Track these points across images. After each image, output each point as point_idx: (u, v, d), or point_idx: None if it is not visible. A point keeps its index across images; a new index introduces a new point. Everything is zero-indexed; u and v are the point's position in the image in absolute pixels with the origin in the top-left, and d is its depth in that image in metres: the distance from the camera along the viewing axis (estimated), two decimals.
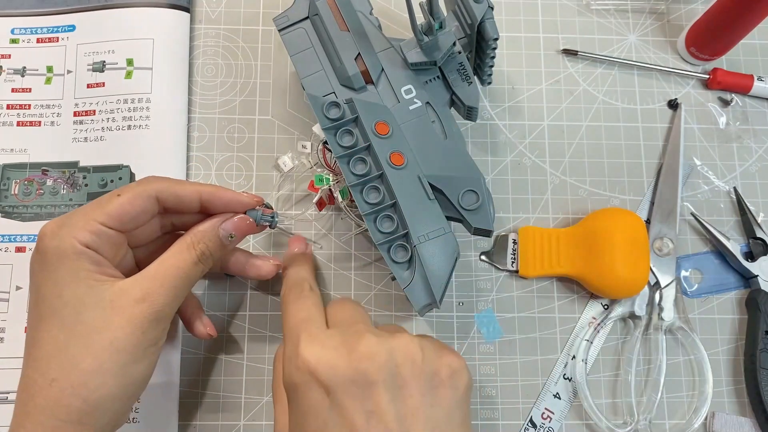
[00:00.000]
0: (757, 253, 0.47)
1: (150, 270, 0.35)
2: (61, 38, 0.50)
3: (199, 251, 0.37)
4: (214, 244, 0.37)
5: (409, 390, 0.32)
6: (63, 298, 0.33)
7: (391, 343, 0.33)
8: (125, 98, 0.48)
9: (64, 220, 0.34)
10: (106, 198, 0.35)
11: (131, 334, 0.33)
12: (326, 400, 0.32)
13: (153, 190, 0.36)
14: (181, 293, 0.36)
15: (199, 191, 0.37)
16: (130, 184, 0.36)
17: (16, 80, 0.49)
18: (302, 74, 0.42)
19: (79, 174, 0.47)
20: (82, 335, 0.32)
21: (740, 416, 0.45)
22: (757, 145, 0.50)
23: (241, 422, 0.44)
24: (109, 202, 0.35)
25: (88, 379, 0.32)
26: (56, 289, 0.33)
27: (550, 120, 0.50)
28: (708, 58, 0.51)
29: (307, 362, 0.32)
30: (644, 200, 0.49)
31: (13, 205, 0.46)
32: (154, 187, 0.36)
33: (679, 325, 0.45)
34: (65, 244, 0.33)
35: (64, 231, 0.33)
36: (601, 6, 0.53)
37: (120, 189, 0.36)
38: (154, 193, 0.36)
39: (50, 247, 0.33)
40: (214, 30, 0.51)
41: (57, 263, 0.33)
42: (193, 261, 0.36)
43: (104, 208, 0.35)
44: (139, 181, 0.37)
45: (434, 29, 0.40)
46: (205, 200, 0.38)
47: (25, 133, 0.48)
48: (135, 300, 0.33)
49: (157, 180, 0.37)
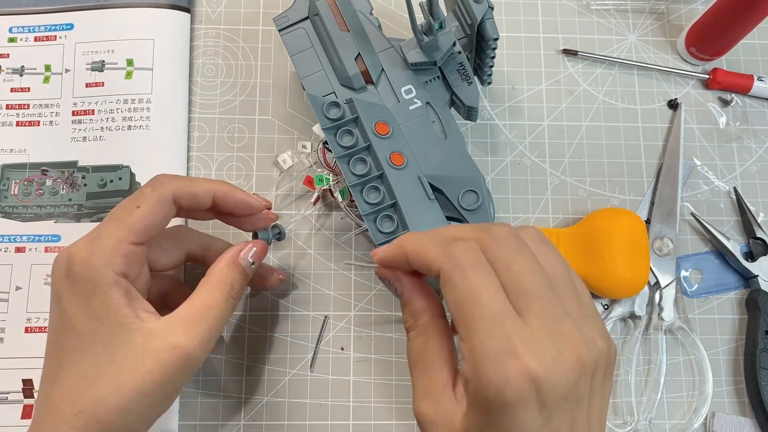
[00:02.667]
0: (757, 253, 0.47)
1: (181, 313, 0.34)
2: (59, 37, 0.50)
3: (228, 286, 0.36)
4: (240, 276, 0.37)
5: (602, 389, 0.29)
6: (96, 334, 0.32)
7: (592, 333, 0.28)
8: (125, 98, 0.48)
9: (95, 245, 0.33)
10: (126, 211, 0.34)
11: (160, 382, 0.32)
12: (538, 418, 0.27)
13: (170, 193, 0.35)
14: (214, 335, 0.35)
15: (213, 189, 0.37)
16: (144, 189, 0.35)
17: (14, 80, 0.49)
18: (302, 74, 0.42)
19: (78, 174, 0.47)
20: (113, 375, 0.32)
21: (740, 416, 0.45)
22: (757, 145, 0.50)
23: (242, 422, 0.44)
24: (131, 215, 0.34)
25: (112, 418, 0.32)
26: (89, 323, 0.32)
27: (550, 120, 0.50)
28: (708, 58, 0.51)
29: (532, 373, 0.26)
30: (644, 200, 0.49)
31: (13, 205, 0.46)
32: (171, 189, 0.35)
33: (679, 325, 0.45)
34: (100, 274, 0.32)
35: (98, 258, 0.32)
36: (601, 6, 0.53)
37: (136, 198, 0.35)
38: (171, 195, 0.35)
39: (84, 276, 0.32)
40: (214, 30, 0.51)
41: (90, 294, 0.32)
42: (224, 299, 0.35)
43: (129, 225, 0.33)
44: (153, 185, 0.35)
45: (434, 29, 0.40)
46: (219, 198, 0.37)
47: (24, 133, 0.48)
48: (167, 346, 0.32)
49: (171, 180, 0.36)
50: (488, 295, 0.27)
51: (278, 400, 0.44)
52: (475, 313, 0.27)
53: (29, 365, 0.43)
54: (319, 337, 0.45)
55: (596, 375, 0.28)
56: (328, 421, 0.44)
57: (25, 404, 0.43)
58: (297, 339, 0.45)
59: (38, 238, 0.46)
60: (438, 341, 0.31)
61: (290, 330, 0.45)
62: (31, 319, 0.44)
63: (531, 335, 0.27)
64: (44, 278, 0.45)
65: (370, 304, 0.46)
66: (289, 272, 0.46)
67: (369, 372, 0.45)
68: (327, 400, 0.44)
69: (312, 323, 0.46)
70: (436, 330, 0.31)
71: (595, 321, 0.29)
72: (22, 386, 0.43)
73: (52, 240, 0.46)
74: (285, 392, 0.44)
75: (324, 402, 0.44)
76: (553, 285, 0.29)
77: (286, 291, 0.46)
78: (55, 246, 0.46)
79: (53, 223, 0.46)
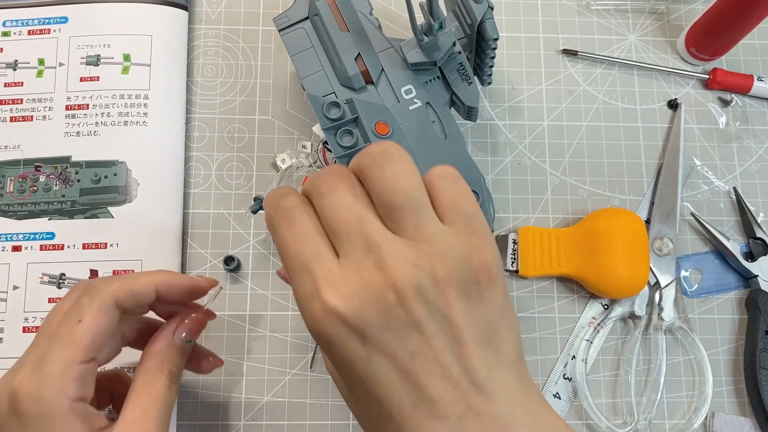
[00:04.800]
0: (757, 253, 0.47)
1: (129, 416, 0.32)
2: (53, 30, 0.49)
3: (167, 372, 0.34)
4: (177, 358, 0.35)
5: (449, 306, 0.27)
6: None
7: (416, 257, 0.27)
8: (121, 93, 0.48)
9: (41, 375, 0.30)
10: (68, 329, 0.31)
11: None
12: (363, 350, 0.26)
13: (110, 298, 0.32)
14: (166, 423, 0.33)
15: (155, 282, 0.34)
16: (80, 299, 0.32)
17: (8, 74, 0.49)
18: (302, 74, 0.42)
19: (72, 169, 0.47)
20: None
21: (740, 416, 0.45)
22: (757, 145, 0.50)
23: (242, 422, 0.44)
24: (73, 332, 0.31)
25: None
26: None
27: (550, 120, 0.50)
28: (708, 58, 0.51)
29: (336, 310, 0.26)
30: (644, 200, 0.49)
31: (9, 203, 0.46)
32: (110, 294, 0.32)
33: (679, 325, 0.45)
34: (52, 407, 0.29)
35: (47, 389, 0.29)
36: (601, 6, 0.53)
37: (74, 312, 0.32)
38: (113, 301, 0.32)
39: (33, 413, 0.29)
40: (214, 30, 0.51)
41: (44, 430, 0.29)
42: (166, 387, 0.34)
43: (74, 343, 0.31)
44: (89, 293, 0.32)
45: (434, 29, 0.40)
46: (162, 290, 0.35)
47: (17, 128, 0.47)
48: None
49: (106, 284, 0.33)
50: (295, 245, 0.28)
51: (278, 400, 0.44)
52: (287, 265, 0.28)
53: None
54: None
55: (446, 293, 0.26)
56: (328, 421, 0.44)
57: None
58: (297, 339, 0.45)
59: (33, 236, 0.46)
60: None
61: (290, 330, 0.45)
62: (29, 318, 0.44)
63: (337, 273, 0.26)
64: (40, 277, 0.45)
65: None
66: None
67: None
68: (327, 400, 0.44)
69: None
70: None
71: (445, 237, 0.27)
72: None
73: (47, 238, 0.46)
74: (285, 392, 0.44)
75: (324, 402, 0.44)
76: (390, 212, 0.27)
77: (286, 291, 0.46)
78: (50, 244, 0.45)
79: (47, 221, 0.46)
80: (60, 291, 0.45)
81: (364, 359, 0.26)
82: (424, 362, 0.26)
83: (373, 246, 0.26)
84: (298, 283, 0.27)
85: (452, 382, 0.26)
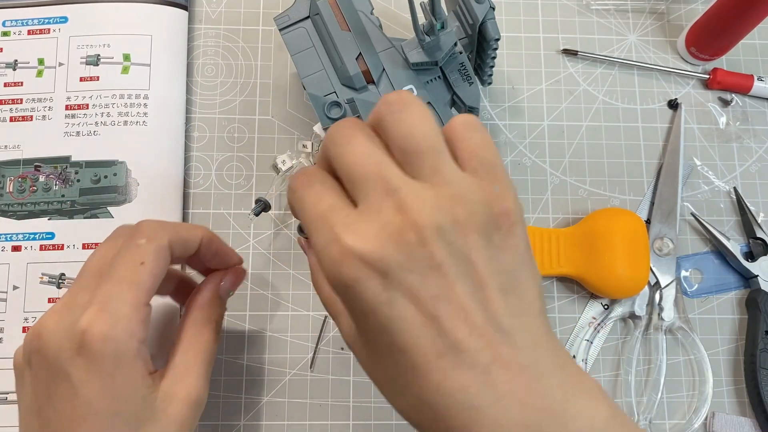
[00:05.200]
0: (757, 253, 0.47)
1: (179, 363, 0.34)
2: (53, 30, 0.49)
3: (214, 323, 0.36)
4: (221, 308, 0.37)
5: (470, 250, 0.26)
6: (120, 414, 0.30)
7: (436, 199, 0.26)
8: (121, 93, 0.48)
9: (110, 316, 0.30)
10: (131, 271, 0.31)
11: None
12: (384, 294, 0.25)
13: (167, 242, 0.33)
14: (210, 372, 0.35)
15: (200, 235, 0.35)
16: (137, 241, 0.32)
17: (8, 74, 0.49)
18: (303, 74, 0.42)
19: (71, 169, 0.47)
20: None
21: (740, 416, 0.45)
22: (757, 145, 0.50)
23: (242, 422, 0.44)
24: (138, 274, 0.31)
25: None
26: (113, 404, 0.30)
27: (550, 120, 0.50)
28: (708, 58, 0.51)
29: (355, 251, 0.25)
30: (644, 200, 0.49)
31: (9, 203, 0.46)
32: (166, 238, 0.33)
33: (679, 325, 0.45)
34: (124, 347, 0.30)
35: (119, 330, 0.30)
36: (601, 6, 0.53)
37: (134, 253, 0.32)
38: (168, 245, 0.33)
39: (105, 353, 0.29)
40: (214, 30, 0.51)
41: (114, 371, 0.30)
42: (213, 338, 0.35)
43: (139, 285, 0.31)
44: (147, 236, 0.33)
45: (436, 29, 0.39)
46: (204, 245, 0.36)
47: (17, 128, 0.47)
48: (181, 402, 0.32)
49: (162, 228, 0.33)
50: (310, 199, 0.28)
51: (278, 400, 0.44)
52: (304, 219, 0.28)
53: None
54: (319, 337, 0.45)
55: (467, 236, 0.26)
56: (328, 421, 0.44)
57: None
58: (297, 339, 0.45)
59: (33, 236, 0.46)
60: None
61: (290, 330, 0.45)
62: (29, 318, 0.44)
63: (355, 219, 0.26)
64: (40, 277, 0.45)
65: None
66: (289, 272, 0.46)
67: None
68: (327, 400, 0.44)
69: (312, 323, 0.46)
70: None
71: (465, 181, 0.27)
72: None
73: (47, 238, 0.45)
74: (285, 392, 0.44)
75: (324, 402, 0.44)
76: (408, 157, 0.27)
77: (286, 291, 0.46)
78: (50, 244, 0.45)
79: (47, 221, 0.46)
80: (60, 291, 0.45)
81: (386, 303, 0.25)
82: (448, 306, 0.25)
83: (392, 189, 0.26)
84: (317, 234, 0.27)
85: (477, 329, 0.25)
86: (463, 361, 0.25)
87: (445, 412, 0.25)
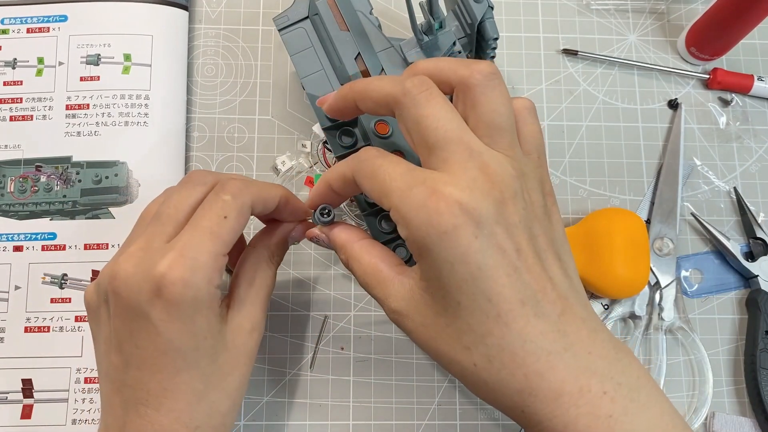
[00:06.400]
0: (757, 253, 0.47)
1: (244, 296, 0.35)
2: (53, 28, 0.49)
3: (276, 264, 0.38)
4: (283, 253, 0.39)
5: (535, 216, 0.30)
6: (200, 350, 0.32)
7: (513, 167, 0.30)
8: (122, 93, 0.48)
9: (192, 263, 0.31)
10: (214, 223, 0.32)
11: (250, 365, 0.35)
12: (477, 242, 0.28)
13: (249, 201, 0.34)
14: (268, 305, 0.37)
15: (279, 195, 0.36)
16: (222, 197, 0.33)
17: (7, 73, 0.48)
18: (302, 74, 0.42)
19: (72, 169, 0.47)
20: (219, 380, 0.33)
21: (740, 416, 0.45)
22: (757, 145, 0.50)
23: (242, 422, 0.44)
24: (221, 227, 0.32)
25: (225, 420, 0.34)
26: (193, 341, 0.32)
27: (550, 120, 0.50)
28: (708, 58, 0.51)
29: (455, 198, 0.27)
30: (644, 200, 0.49)
31: (10, 203, 0.46)
32: (250, 197, 0.34)
33: (679, 325, 0.45)
34: (203, 293, 0.31)
35: (200, 278, 0.31)
36: (601, 6, 0.53)
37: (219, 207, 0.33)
38: (251, 203, 0.34)
39: (186, 297, 0.31)
40: (214, 30, 0.51)
41: (194, 314, 0.31)
42: (273, 276, 0.38)
43: (221, 237, 0.32)
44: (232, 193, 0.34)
45: (434, 29, 0.40)
46: (281, 204, 0.37)
47: (17, 127, 0.47)
48: (248, 333, 0.35)
49: (246, 187, 0.34)
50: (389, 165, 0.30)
51: (278, 400, 0.44)
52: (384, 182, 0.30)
53: (29, 365, 0.43)
54: (319, 337, 0.45)
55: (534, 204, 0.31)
56: (328, 421, 0.44)
57: (24, 404, 0.43)
58: (297, 339, 0.45)
59: (35, 236, 0.46)
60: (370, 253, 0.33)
61: (290, 330, 0.45)
62: (30, 318, 0.44)
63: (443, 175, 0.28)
64: (42, 277, 0.45)
65: (370, 304, 0.46)
66: (289, 272, 0.46)
67: (369, 372, 0.45)
68: (327, 400, 0.44)
69: (312, 323, 0.46)
70: (365, 248, 0.34)
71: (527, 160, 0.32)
72: (21, 386, 0.43)
73: (48, 238, 0.46)
74: (285, 392, 0.44)
75: (324, 402, 0.44)
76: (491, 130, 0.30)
77: (286, 291, 0.46)
78: (51, 244, 0.45)
79: (48, 221, 0.46)
80: (62, 291, 0.45)
81: (479, 251, 0.27)
82: (527, 259, 0.28)
83: (475, 152, 0.29)
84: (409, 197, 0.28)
85: (551, 282, 0.29)
86: (541, 309, 0.28)
87: (526, 357, 0.28)
